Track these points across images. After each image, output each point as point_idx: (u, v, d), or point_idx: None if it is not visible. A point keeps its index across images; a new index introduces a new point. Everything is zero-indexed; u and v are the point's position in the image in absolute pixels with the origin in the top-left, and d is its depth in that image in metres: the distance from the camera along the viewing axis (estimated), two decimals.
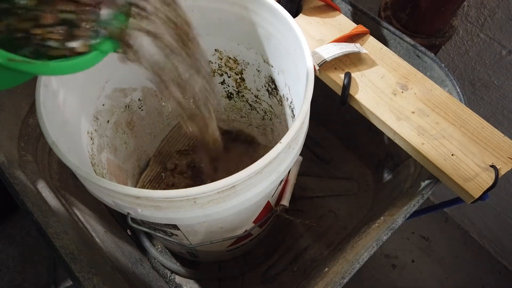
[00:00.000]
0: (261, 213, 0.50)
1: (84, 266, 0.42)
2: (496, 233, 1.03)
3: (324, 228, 0.73)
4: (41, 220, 0.43)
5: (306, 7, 0.59)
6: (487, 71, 0.78)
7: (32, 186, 0.49)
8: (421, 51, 0.55)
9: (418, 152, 0.46)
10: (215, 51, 0.57)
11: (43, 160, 0.57)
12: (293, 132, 0.34)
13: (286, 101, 0.53)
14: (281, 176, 0.39)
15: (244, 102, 0.65)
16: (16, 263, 0.95)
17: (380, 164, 0.74)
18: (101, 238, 0.58)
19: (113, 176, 0.54)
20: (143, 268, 0.64)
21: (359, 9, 0.60)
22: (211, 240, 0.49)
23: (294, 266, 0.69)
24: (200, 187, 0.31)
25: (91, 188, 0.39)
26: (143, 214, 0.36)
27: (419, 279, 1.03)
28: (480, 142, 0.47)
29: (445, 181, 0.46)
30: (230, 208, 0.36)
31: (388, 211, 0.52)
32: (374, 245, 0.44)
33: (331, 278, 0.45)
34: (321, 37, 0.56)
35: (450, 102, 0.50)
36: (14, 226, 0.99)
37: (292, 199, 0.57)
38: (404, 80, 0.52)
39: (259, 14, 0.46)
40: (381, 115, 0.49)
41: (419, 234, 1.10)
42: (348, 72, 0.51)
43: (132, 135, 0.61)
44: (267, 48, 0.50)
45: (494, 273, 1.06)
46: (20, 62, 0.22)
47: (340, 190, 0.77)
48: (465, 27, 0.75)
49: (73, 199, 0.58)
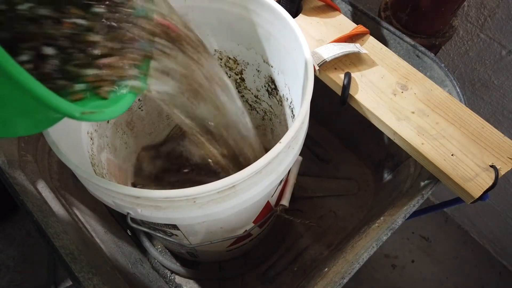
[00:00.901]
0: (261, 213, 0.50)
1: (84, 266, 0.42)
2: (496, 233, 1.03)
3: (324, 228, 0.73)
4: (41, 220, 0.43)
5: (306, 7, 0.59)
6: (487, 71, 0.78)
7: (32, 186, 0.49)
8: (421, 51, 0.55)
9: (418, 152, 0.46)
10: (215, 51, 0.57)
11: (43, 160, 0.57)
12: (293, 132, 0.34)
13: (286, 101, 0.53)
14: (280, 176, 0.39)
15: (244, 102, 0.66)
16: (16, 263, 0.95)
17: (380, 164, 0.74)
18: (101, 238, 0.58)
19: (113, 176, 0.54)
20: (143, 268, 0.64)
21: (359, 9, 0.60)
22: (211, 240, 0.49)
23: (294, 266, 0.69)
24: (199, 187, 0.31)
25: (91, 188, 0.39)
26: (143, 214, 0.36)
27: (419, 279, 1.03)
28: (480, 142, 0.47)
29: (445, 181, 0.46)
30: (229, 208, 0.36)
31: (388, 211, 0.52)
32: (374, 245, 0.44)
33: (331, 278, 0.45)
34: (321, 37, 0.56)
35: (450, 102, 0.50)
36: (14, 226, 0.99)
37: (292, 199, 0.57)
38: (404, 80, 0.52)
39: (259, 14, 0.46)
40: (381, 115, 0.49)
41: (419, 234, 1.10)
42: (348, 72, 0.51)
43: (132, 135, 0.61)
44: (267, 48, 0.50)
45: (494, 273, 1.06)
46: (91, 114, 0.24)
47: (340, 190, 0.77)
48: (465, 27, 0.75)
49: (73, 199, 0.58)
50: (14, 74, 0.18)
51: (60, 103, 0.21)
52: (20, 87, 0.19)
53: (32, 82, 0.19)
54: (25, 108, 0.22)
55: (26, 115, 0.23)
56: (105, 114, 0.26)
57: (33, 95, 0.19)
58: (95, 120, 0.25)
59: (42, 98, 0.20)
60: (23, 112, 0.23)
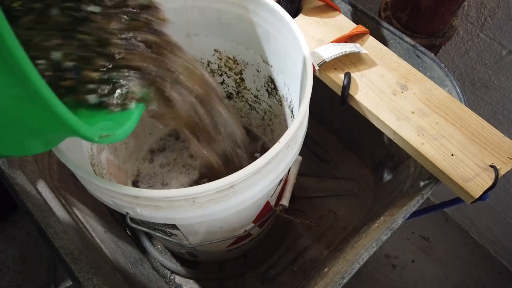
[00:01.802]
0: (260, 213, 0.50)
1: (84, 266, 0.42)
2: (496, 233, 1.03)
3: (324, 228, 0.73)
4: (41, 220, 0.43)
5: (306, 7, 0.59)
6: (487, 71, 0.78)
7: (32, 186, 0.49)
8: (421, 51, 0.55)
9: (418, 152, 0.46)
10: (214, 51, 0.57)
11: (43, 160, 0.57)
12: (292, 131, 0.34)
13: (285, 101, 0.53)
14: (280, 176, 0.39)
15: (243, 102, 0.66)
16: (16, 263, 0.95)
17: (380, 164, 0.74)
18: (101, 238, 0.58)
19: (112, 176, 0.54)
20: (143, 268, 0.64)
21: (359, 9, 0.60)
22: (211, 240, 0.49)
23: (294, 266, 0.69)
24: (198, 187, 0.31)
25: (91, 188, 0.39)
26: (142, 213, 0.36)
27: (419, 279, 1.03)
28: (480, 142, 0.47)
29: (445, 181, 0.46)
30: (229, 207, 0.36)
31: (388, 211, 0.52)
32: (374, 245, 0.44)
33: (331, 278, 0.45)
34: (321, 37, 0.56)
35: (450, 102, 0.50)
36: (14, 226, 0.99)
37: (292, 199, 0.57)
38: (404, 80, 0.52)
39: (258, 14, 0.46)
40: (381, 115, 0.49)
41: (419, 234, 1.10)
42: (348, 72, 0.51)
43: (132, 135, 0.61)
44: (266, 48, 0.50)
45: (494, 273, 1.06)
46: (107, 137, 0.24)
47: (340, 190, 0.77)
48: (465, 27, 0.75)
49: (73, 199, 0.58)
50: (47, 98, 0.18)
51: (81, 128, 0.21)
52: (49, 110, 0.19)
53: (60, 106, 0.19)
54: (44, 129, 0.22)
55: (40, 135, 0.23)
56: (117, 136, 0.26)
57: (60, 119, 0.19)
58: (110, 142, 0.25)
59: (67, 122, 0.20)
60: (39, 133, 0.23)
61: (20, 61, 0.16)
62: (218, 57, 0.58)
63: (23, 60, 0.16)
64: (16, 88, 0.18)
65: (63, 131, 0.22)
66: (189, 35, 0.54)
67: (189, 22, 0.51)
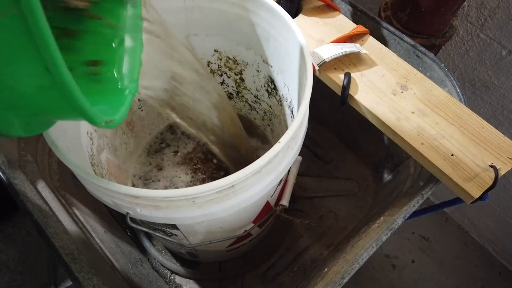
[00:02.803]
0: (260, 213, 0.50)
1: (84, 266, 0.42)
2: (496, 233, 1.03)
3: (324, 228, 0.73)
4: (41, 220, 0.43)
5: (305, 7, 0.59)
6: (487, 71, 0.78)
7: (32, 186, 0.49)
8: (421, 51, 0.55)
9: (418, 152, 0.46)
10: (214, 52, 0.57)
11: (43, 160, 0.57)
12: (292, 131, 0.34)
13: (285, 101, 0.53)
14: (280, 176, 0.39)
15: (243, 103, 0.66)
16: (16, 263, 0.95)
17: (380, 164, 0.74)
18: (101, 238, 0.58)
19: (112, 176, 0.54)
20: (143, 268, 0.64)
21: (359, 9, 0.60)
22: (211, 240, 0.49)
23: (294, 266, 0.69)
24: (198, 187, 0.31)
25: (91, 188, 0.39)
26: (142, 213, 0.36)
27: (419, 280, 1.03)
28: (480, 142, 0.47)
29: (445, 181, 0.46)
30: (229, 207, 0.36)
31: (388, 211, 0.52)
32: (373, 245, 0.44)
33: (331, 278, 0.45)
34: (321, 37, 0.56)
35: (450, 102, 0.50)
36: (14, 226, 0.99)
37: (292, 199, 0.57)
38: (404, 80, 0.52)
39: (258, 15, 0.46)
40: (381, 115, 0.49)
41: (419, 234, 1.10)
42: (348, 72, 0.51)
43: (132, 135, 0.61)
44: (266, 48, 0.50)
45: (494, 273, 1.06)
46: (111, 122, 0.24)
47: (340, 190, 0.77)
48: (465, 27, 0.75)
49: (73, 199, 0.58)
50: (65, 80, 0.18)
51: (91, 112, 0.21)
52: (71, 100, 0.19)
53: (76, 89, 0.19)
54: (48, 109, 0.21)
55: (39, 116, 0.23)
56: (116, 121, 0.26)
57: (74, 101, 0.19)
58: (110, 127, 0.25)
59: (80, 105, 0.19)
60: (38, 113, 0.22)
61: (54, 55, 0.17)
62: (218, 57, 0.58)
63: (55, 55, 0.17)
64: (42, 79, 0.18)
65: (71, 115, 0.21)
66: (189, 35, 0.54)
67: (189, 22, 0.51)
